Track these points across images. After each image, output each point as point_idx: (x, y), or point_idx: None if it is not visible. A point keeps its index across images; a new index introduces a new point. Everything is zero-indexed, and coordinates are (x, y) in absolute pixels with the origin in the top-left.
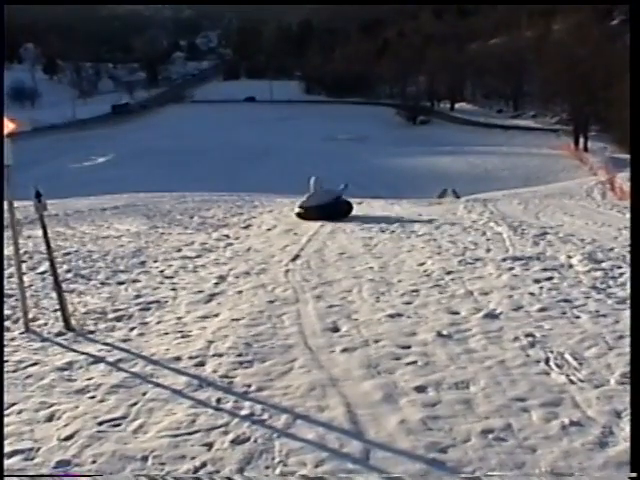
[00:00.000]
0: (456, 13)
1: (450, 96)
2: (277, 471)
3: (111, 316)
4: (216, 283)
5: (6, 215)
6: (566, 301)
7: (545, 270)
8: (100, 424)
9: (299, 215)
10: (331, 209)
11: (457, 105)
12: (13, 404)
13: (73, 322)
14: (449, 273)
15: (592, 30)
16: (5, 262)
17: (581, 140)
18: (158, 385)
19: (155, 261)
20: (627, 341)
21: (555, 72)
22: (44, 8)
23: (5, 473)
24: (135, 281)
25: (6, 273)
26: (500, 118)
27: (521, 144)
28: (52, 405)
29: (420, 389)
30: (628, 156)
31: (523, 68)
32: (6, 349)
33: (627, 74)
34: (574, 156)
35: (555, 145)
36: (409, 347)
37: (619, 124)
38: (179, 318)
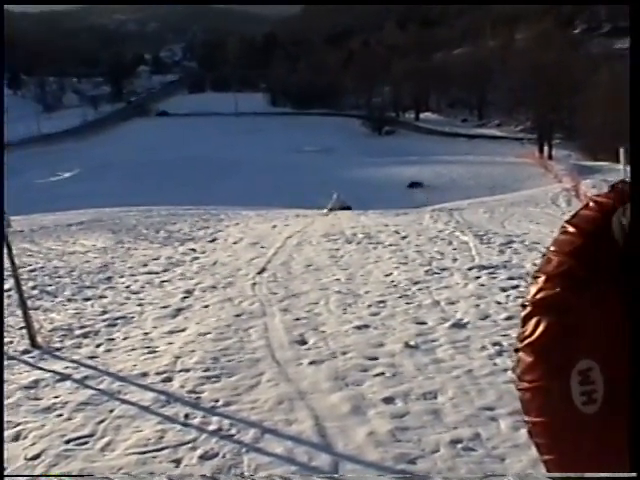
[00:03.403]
0: (420, 23)
1: (415, 106)
2: None
3: (77, 333)
4: (183, 298)
5: None
6: None
7: (511, 278)
8: (67, 442)
9: (329, 211)
10: (343, 208)
11: (422, 115)
12: None
13: (39, 339)
14: (416, 283)
15: (555, 39)
16: None
17: (545, 148)
18: (125, 402)
19: (121, 276)
20: None
21: (519, 81)
22: (7, 22)
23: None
24: (101, 297)
25: None
26: (465, 127)
27: (486, 153)
28: (18, 424)
29: (388, 400)
30: (592, 163)
31: (487, 77)
32: None
33: (589, 81)
34: (539, 164)
35: (520, 153)
36: (377, 358)
37: (583, 131)
38: (146, 334)
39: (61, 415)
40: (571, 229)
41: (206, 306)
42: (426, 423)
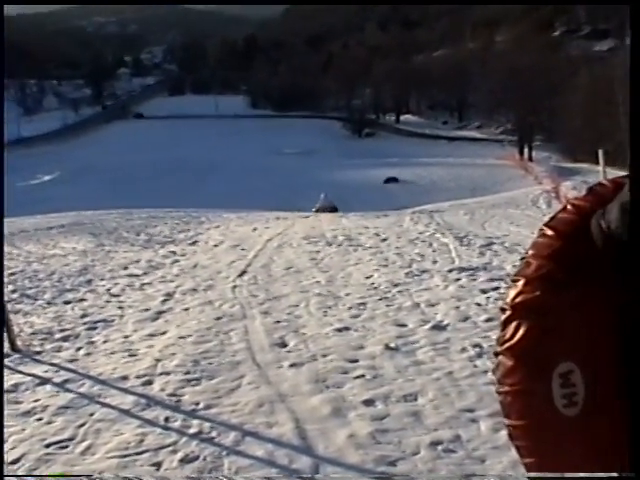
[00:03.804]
0: (400, 25)
1: (395, 108)
2: None
3: (58, 336)
4: (163, 300)
5: None
6: None
7: (492, 280)
8: (47, 446)
9: (317, 211)
10: (329, 209)
11: (402, 117)
12: None
13: (19, 343)
14: (396, 285)
15: (534, 41)
16: None
17: (526, 150)
18: (105, 405)
19: (101, 279)
20: None
21: (499, 83)
22: None
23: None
24: (81, 300)
25: None
26: (445, 129)
27: (466, 155)
28: None
29: (368, 402)
30: (572, 165)
31: (467, 79)
32: None
33: (569, 84)
34: (519, 166)
35: (500, 155)
36: (357, 361)
37: (563, 133)
38: (126, 337)
39: (41, 419)
40: (549, 232)
41: (186, 309)
42: (406, 425)
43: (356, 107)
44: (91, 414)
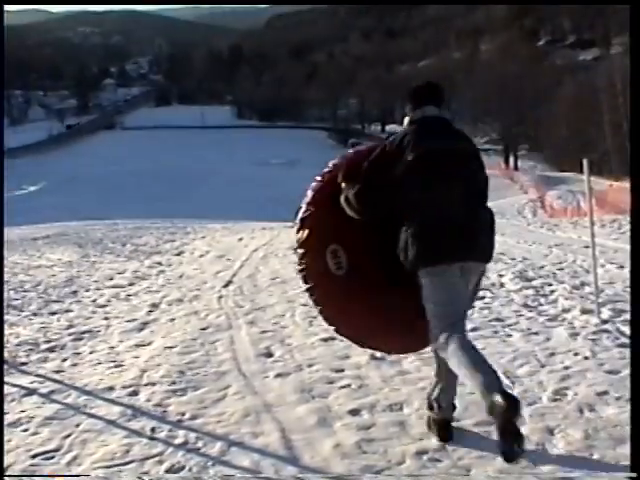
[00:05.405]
0: (384, 35)
1: (381, 118)
2: None
3: (43, 347)
4: (149, 311)
5: None
6: (498, 320)
7: None
8: (33, 457)
9: None
10: None
11: (388, 127)
12: None
13: (5, 354)
14: None
15: (519, 50)
16: None
17: (511, 159)
18: (92, 416)
19: (87, 290)
20: (558, 358)
21: (484, 92)
22: None
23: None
24: (67, 311)
25: None
26: None
27: None
28: None
29: (354, 412)
30: (558, 174)
31: (452, 89)
32: None
33: (554, 93)
34: (504, 175)
35: (486, 165)
36: (343, 370)
37: (548, 142)
38: (112, 347)
39: (27, 430)
40: (318, 178)
41: (172, 319)
42: (392, 434)
43: (342, 117)
44: (77, 425)
